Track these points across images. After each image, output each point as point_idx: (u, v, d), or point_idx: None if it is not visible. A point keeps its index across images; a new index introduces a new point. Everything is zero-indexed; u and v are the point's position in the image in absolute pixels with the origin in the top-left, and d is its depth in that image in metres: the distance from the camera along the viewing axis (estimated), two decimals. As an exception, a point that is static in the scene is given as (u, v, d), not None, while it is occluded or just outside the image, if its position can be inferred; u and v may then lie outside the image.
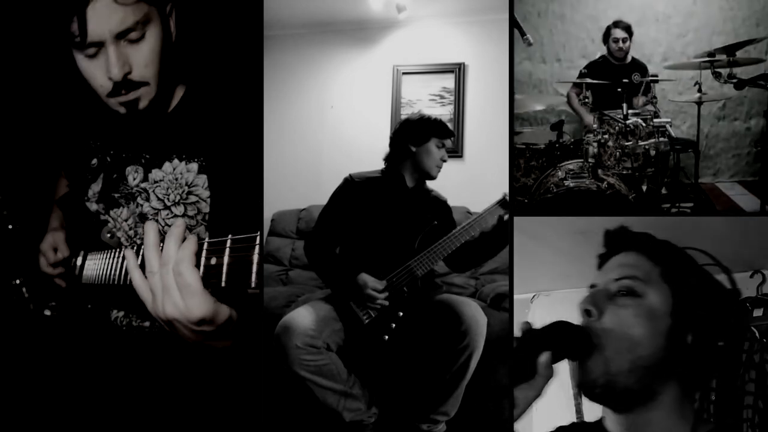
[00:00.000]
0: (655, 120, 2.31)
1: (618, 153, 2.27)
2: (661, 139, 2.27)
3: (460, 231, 1.94)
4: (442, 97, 3.34)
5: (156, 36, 1.14)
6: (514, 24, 2.00)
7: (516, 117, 2.60)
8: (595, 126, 2.35)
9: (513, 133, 2.17)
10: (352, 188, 2.02)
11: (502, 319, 2.07)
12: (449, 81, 3.33)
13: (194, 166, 1.25)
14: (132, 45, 1.11)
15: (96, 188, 1.35)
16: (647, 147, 2.25)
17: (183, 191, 1.25)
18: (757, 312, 1.33)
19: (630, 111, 2.31)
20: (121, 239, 1.31)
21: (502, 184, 1.97)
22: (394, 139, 2.09)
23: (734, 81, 2.17)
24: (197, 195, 1.25)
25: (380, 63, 3.43)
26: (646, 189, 2.26)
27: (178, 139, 1.28)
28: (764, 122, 2.91)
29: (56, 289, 1.45)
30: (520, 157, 2.41)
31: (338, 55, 3.49)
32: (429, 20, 3.35)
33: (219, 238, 0.81)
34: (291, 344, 1.71)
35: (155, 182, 1.27)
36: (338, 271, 1.94)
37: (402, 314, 1.88)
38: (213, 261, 0.81)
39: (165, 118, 1.31)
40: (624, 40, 2.72)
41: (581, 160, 2.32)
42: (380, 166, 2.11)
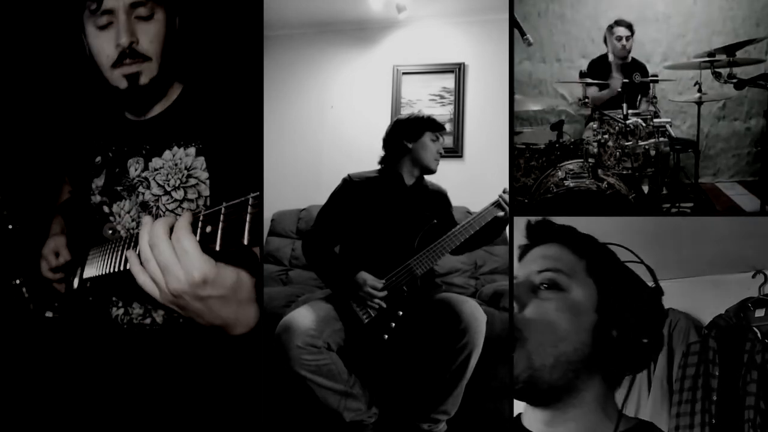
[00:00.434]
0: (655, 120, 2.31)
1: (618, 153, 2.27)
2: (661, 139, 2.27)
3: (460, 230, 1.95)
4: (442, 97, 3.34)
5: (162, 21, 1.26)
6: (514, 24, 2.01)
7: (516, 117, 2.59)
8: (596, 125, 2.36)
9: (513, 133, 2.17)
10: (351, 188, 2.02)
11: (502, 318, 2.07)
12: (449, 81, 3.32)
13: (192, 150, 1.28)
14: (141, 21, 1.23)
15: (99, 182, 1.38)
16: (647, 147, 2.25)
17: (183, 175, 1.28)
18: (759, 312, 1.33)
19: (630, 111, 2.31)
20: (122, 233, 1.32)
21: (502, 185, 1.98)
22: (388, 140, 2.10)
23: (734, 81, 2.17)
24: (196, 177, 1.28)
25: (380, 63, 3.42)
26: (647, 189, 2.26)
27: (178, 130, 1.30)
28: (764, 122, 2.90)
29: (56, 294, 1.46)
30: (520, 157, 2.41)
31: (338, 55, 3.48)
32: (429, 20, 3.34)
33: (214, 208, 0.82)
34: (292, 344, 1.71)
35: (155, 170, 1.30)
36: (337, 270, 1.94)
37: (402, 313, 1.88)
38: (208, 229, 0.81)
39: (165, 112, 1.34)
40: (627, 38, 2.72)
41: (581, 160, 2.32)
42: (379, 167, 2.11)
